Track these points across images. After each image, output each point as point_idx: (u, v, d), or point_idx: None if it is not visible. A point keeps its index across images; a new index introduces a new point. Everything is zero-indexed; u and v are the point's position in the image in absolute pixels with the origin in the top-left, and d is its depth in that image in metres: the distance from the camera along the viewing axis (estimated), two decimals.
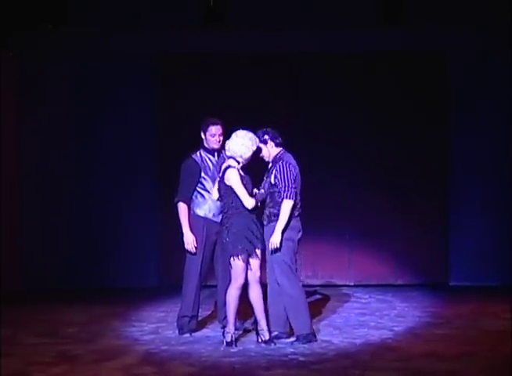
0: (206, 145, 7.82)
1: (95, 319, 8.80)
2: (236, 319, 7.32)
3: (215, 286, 7.92)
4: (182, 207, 7.71)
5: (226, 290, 7.35)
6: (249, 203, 7.20)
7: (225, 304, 7.38)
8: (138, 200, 11.02)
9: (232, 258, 7.21)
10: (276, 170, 7.38)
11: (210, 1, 10.18)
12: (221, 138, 7.76)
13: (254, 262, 7.24)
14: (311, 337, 7.40)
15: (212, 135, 7.75)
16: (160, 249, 10.96)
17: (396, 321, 8.47)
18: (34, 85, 11.07)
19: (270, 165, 7.56)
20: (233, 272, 7.25)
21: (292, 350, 7.12)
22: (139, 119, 11.12)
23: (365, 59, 10.98)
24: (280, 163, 7.42)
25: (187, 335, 7.70)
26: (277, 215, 7.34)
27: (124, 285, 10.73)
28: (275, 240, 7.27)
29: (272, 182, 7.38)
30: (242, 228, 7.21)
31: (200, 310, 8.01)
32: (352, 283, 10.93)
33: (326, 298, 9.87)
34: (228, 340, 7.26)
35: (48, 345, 7.48)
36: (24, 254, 10.96)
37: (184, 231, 7.69)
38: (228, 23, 10.47)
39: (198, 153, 7.80)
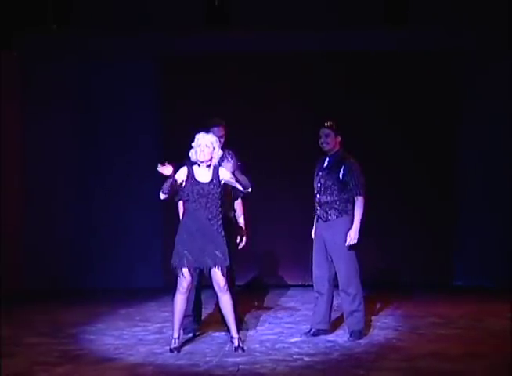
0: None
1: (98, 318, 8.80)
2: (180, 324, 7.19)
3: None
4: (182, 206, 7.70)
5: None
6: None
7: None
8: (143, 199, 11.01)
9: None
10: (347, 167, 7.48)
11: (215, 2, 10.19)
12: (223, 139, 7.74)
13: (214, 274, 7.08)
14: (363, 334, 7.56)
15: (210, 131, 7.68)
16: (164, 249, 10.94)
17: (400, 321, 8.48)
18: (37, 86, 11.08)
19: (328, 160, 7.60)
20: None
21: (297, 350, 7.13)
22: (143, 119, 11.14)
23: (370, 59, 10.99)
24: (350, 161, 7.53)
25: (191, 335, 7.71)
26: (340, 212, 7.45)
27: (128, 285, 10.75)
28: (354, 235, 7.39)
29: (341, 178, 7.47)
30: (180, 240, 7.18)
31: (203, 310, 8.03)
32: None
33: None
34: (172, 346, 7.12)
35: (52, 345, 7.48)
36: (28, 254, 10.97)
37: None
38: (232, 24, 10.48)
39: None
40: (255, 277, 11.05)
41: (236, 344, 7.13)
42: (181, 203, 7.70)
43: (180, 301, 7.16)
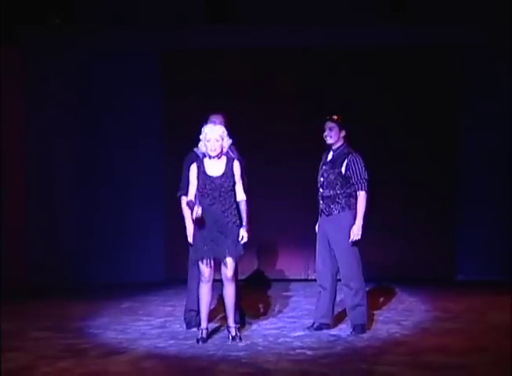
0: None
1: (101, 313, 8.82)
2: (208, 314, 7.26)
3: (219, 280, 7.91)
4: (185, 201, 7.69)
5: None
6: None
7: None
8: (145, 195, 11.02)
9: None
10: (350, 162, 7.45)
11: None
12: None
13: (226, 262, 7.14)
14: (365, 328, 7.55)
15: (211, 122, 7.65)
16: (167, 244, 10.96)
17: (404, 315, 8.47)
18: (41, 82, 11.06)
19: (332, 154, 7.57)
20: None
21: (299, 344, 7.12)
22: (145, 115, 11.13)
23: (372, 54, 10.98)
24: (353, 155, 7.48)
25: (195, 329, 7.69)
26: (343, 207, 7.42)
27: (131, 280, 10.76)
28: (357, 232, 7.37)
29: (343, 172, 7.44)
30: (197, 236, 7.18)
31: None
32: None
33: None
34: (199, 336, 7.19)
35: (55, 339, 7.48)
36: (30, 250, 10.97)
37: (187, 224, 7.67)
38: (234, 19, 10.46)
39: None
40: (258, 272, 11.04)
41: (232, 333, 7.18)
42: (184, 198, 7.68)
43: (205, 291, 7.20)
